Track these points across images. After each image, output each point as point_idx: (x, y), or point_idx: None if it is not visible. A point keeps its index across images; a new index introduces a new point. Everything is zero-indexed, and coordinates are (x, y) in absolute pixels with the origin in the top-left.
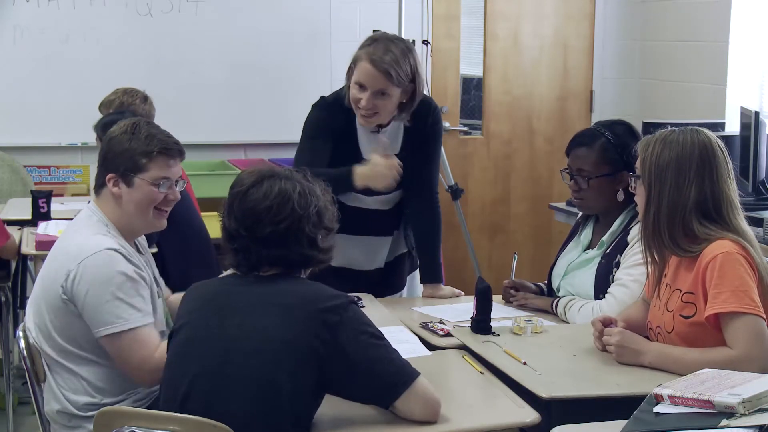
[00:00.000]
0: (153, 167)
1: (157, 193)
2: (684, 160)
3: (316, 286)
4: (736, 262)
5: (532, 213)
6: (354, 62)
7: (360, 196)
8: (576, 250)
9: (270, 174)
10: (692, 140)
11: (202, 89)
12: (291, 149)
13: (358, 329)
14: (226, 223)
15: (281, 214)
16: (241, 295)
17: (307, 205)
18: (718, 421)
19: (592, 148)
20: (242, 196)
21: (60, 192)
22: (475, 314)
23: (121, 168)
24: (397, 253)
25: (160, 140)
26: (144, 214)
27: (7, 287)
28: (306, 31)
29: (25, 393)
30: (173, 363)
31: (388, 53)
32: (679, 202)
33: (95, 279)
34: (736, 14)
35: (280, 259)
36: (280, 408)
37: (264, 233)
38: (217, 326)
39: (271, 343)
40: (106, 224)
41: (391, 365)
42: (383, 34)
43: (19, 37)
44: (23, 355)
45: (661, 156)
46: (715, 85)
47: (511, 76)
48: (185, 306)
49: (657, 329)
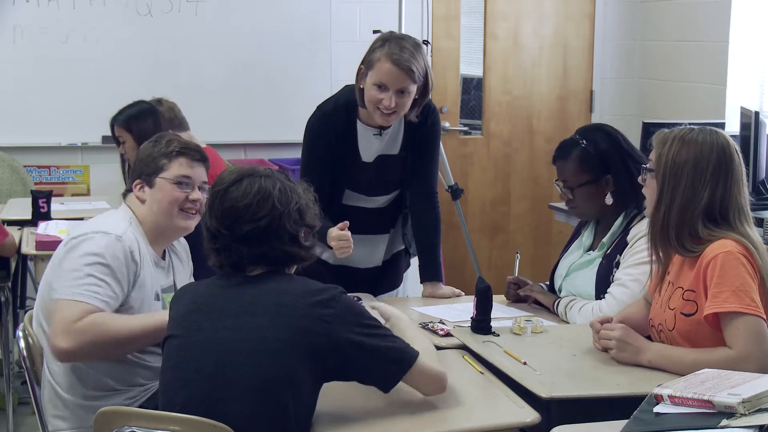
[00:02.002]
0: (173, 166)
1: (178, 192)
2: (702, 161)
3: (305, 281)
4: (738, 262)
5: (532, 213)
6: (368, 64)
7: (358, 195)
8: (578, 252)
9: (250, 173)
10: (711, 141)
11: (202, 89)
12: (291, 149)
13: (354, 319)
14: (208, 222)
15: (261, 211)
16: (231, 296)
17: (288, 202)
18: (718, 421)
19: (569, 158)
20: (222, 194)
21: (60, 192)
22: (475, 314)
23: (145, 172)
24: (394, 251)
25: (180, 142)
26: (168, 214)
27: (7, 287)
28: (306, 31)
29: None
30: (169, 369)
31: (405, 51)
32: (691, 203)
33: (81, 250)
34: (736, 14)
35: (262, 256)
36: (280, 407)
37: (244, 231)
38: (211, 329)
39: (266, 342)
40: (131, 218)
41: (390, 351)
42: (391, 33)
43: (19, 37)
44: (23, 356)
45: (678, 154)
46: (715, 85)
47: (511, 76)
48: (176, 310)
49: (659, 326)
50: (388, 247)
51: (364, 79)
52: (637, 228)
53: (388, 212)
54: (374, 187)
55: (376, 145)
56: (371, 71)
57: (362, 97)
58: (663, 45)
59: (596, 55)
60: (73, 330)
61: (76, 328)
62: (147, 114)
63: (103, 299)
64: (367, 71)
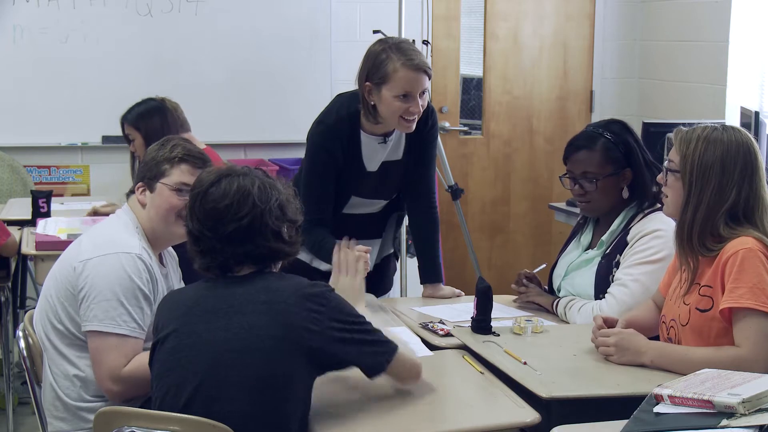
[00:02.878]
0: (174, 173)
1: (177, 199)
2: (729, 161)
3: (294, 278)
4: (757, 259)
5: (532, 213)
6: (382, 79)
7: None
8: (576, 251)
9: (227, 173)
10: (738, 140)
11: (202, 89)
12: (291, 149)
13: (341, 317)
14: (190, 225)
15: (242, 210)
16: (221, 297)
17: (268, 199)
18: (718, 421)
19: (594, 149)
20: (202, 196)
21: (60, 192)
22: (475, 314)
23: (147, 175)
24: (384, 255)
25: (185, 148)
26: (165, 221)
27: (7, 287)
28: (306, 31)
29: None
30: (164, 375)
31: (414, 52)
32: (719, 204)
33: (108, 274)
34: (736, 14)
35: (247, 255)
36: (277, 404)
37: (227, 231)
38: (204, 331)
39: (260, 340)
40: (137, 227)
41: (375, 345)
42: (386, 42)
43: (19, 37)
44: (23, 356)
45: (705, 154)
46: (715, 85)
47: (511, 76)
48: (164, 315)
49: (671, 322)
50: (379, 252)
51: (377, 94)
52: (637, 227)
53: (382, 216)
54: (377, 192)
55: (380, 153)
56: (388, 85)
57: (373, 112)
58: (663, 45)
59: (596, 55)
60: (121, 378)
61: (123, 376)
62: (155, 112)
63: (140, 325)
64: (381, 86)
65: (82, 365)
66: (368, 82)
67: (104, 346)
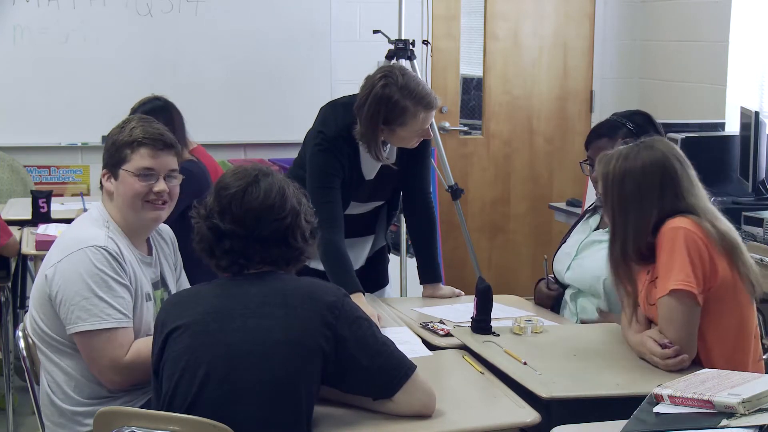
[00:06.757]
0: (135, 158)
1: (140, 185)
2: (646, 186)
3: (310, 281)
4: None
5: (532, 213)
6: (398, 121)
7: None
8: (584, 234)
9: (264, 172)
10: (651, 160)
11: (202, 89)
12: (291, 149)
13: (357, 325)
14: (220, 225)
15: (284, 210)
16: (236, 297)
17: (300, 201)
18: (718, 421)
19: (615, 138)
20: (241, 196)
21: (60, 192)
22: (475, 314)
23: (110, 162)
24: (377, 248)
25: (144, 130)
26: (132, 208)
27: (7, 287)
28: (306, 31)
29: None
30: (175, 373)
31: (422, 89)
32: (644, 224)
33: (77, 271)
34: (736, 14)
35: (276, 255)
36: (291, 409)
37: (267, 231)
38: (219, 331)
39: (275, 344)
40: (107, 221)
41: (392, 358)
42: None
43: (19, 37)
44: (23, 356)
45: (622, 186)
46: (715, 85)
47: (511, 76)
48: (173, 312)
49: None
50: (372, 246)
51: (391, 133)
52: None
53: (372, 214)
54: (374, 196)
55: (377, 162)
56: (406, 126)
57: (380, 140)
58: (663, 45)
59: (596, 55)
60: (124, 368)
61: (125, 365)
62: (159, 110)
63: (125, 314)
64: (396, 127)
65: (71, 369)
66: (383, 125)
67: (97, 344)
